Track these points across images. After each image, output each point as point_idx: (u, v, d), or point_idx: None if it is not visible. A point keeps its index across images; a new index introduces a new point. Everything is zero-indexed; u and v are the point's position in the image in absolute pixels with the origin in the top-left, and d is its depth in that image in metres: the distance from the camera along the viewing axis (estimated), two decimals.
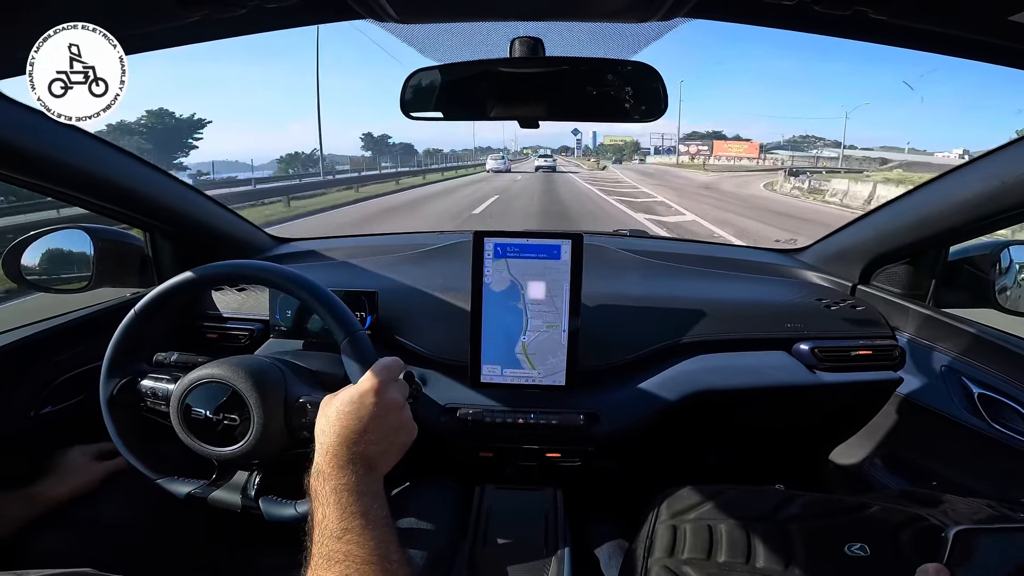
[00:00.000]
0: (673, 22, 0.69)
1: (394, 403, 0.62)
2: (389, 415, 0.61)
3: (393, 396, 0.63)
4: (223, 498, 0.76)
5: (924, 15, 0.56)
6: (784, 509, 0.82)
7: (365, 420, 0.59)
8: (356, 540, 0.51)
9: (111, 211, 1.06)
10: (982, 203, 0.92)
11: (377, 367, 0.64)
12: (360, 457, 0.58)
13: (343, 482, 0.55)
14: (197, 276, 0.79)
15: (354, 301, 1.06)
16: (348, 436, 0.58)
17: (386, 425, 0.61)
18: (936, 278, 1.13)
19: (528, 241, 1.01)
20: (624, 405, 1.03)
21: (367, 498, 0.55)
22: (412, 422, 0.65)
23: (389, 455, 0.62)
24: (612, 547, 0.96)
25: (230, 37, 0.71)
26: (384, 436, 0.60)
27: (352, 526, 0.52)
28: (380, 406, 0.60)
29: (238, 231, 1.39)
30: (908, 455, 1.12)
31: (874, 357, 1.11)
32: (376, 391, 0.61)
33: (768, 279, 1.36)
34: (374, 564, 0.49)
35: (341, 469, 0.56)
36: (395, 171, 33.87)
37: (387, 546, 0.52)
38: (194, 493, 0.77)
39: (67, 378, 0.98)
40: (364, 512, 0.53)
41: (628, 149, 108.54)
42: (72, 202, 0.98)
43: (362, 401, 0.60)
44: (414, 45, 0.84)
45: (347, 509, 0.53)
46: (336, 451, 0.57)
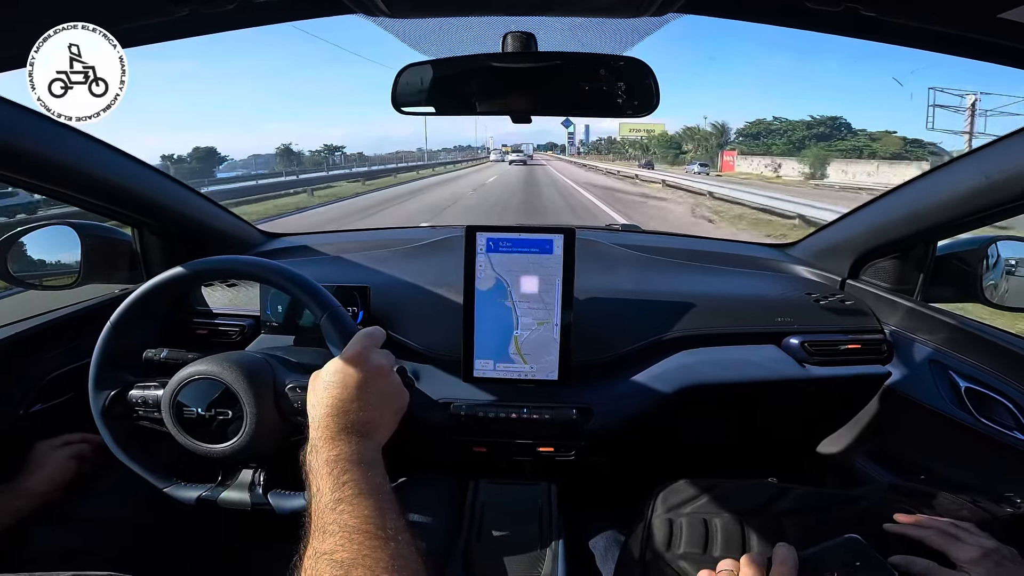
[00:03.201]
0: (666, 17, 0.69)
1: (380, 368, 0.62)
2: (376, 380, 0.61)
3: (378, 361, 0.62)
4: (233, 498, 0.76)
5: (914, 12, 0.56)
6: (777, 503, 0.82)
7: (352, 388, 0.59)
8: (350, 510, 0.50)
9: (98, 207, 1.04)
10: (969, 199, 0.93)
11: (358, 336, 0.64)
12: (352, 425, 0.57)
13: (335, 453, 0.54)
14: (175, 275, 0.78)
15: (346, 296, 1.05)
16: (336, 406, 0.58)
17: (374, 391, 0.60)
18: (924, 273, 1.14)
19: (520, 235, 1.01)
20: (617, 399, 1.03)
21: (362, 466, 0.54)
22: (403, 387, 0.65)
23: (383, 422, 0.61)
24: (607, 541, 0.97)
25: (218, 32, 0.70)
26: (374, 402, 0.60)
27: (345, 496, 0.51)
28: (365, 372, 0.60)
29: (227, 226, 1.38)
30: (896, 449, 1.14)
31: (863, 351, 1.12)
32: (359, 358, 0.61)
33: (759, 273, 1.37)
34: (368, 532, 0.48)
35: (332, 440, 0.56)
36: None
37: (382, 514, 0.50)
38: (204, 497, 0.77)
39: (57, 375, 0.97)
40: (358, 481, 0.52)
41: (657, 144, 75.07)
42: (58, 198, 0.97)
43: (347, 370, 0.60)
44: (405, 40, 0.83)
45: (339, 479, 0.52)
46: (326, 423, 0.57)
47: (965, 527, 0.68)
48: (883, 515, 0.74)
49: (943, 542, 0.65)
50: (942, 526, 0.68)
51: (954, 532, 0.66)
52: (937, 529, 0.68)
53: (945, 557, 0.64)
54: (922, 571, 0.63)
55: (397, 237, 1.53)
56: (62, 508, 0.85)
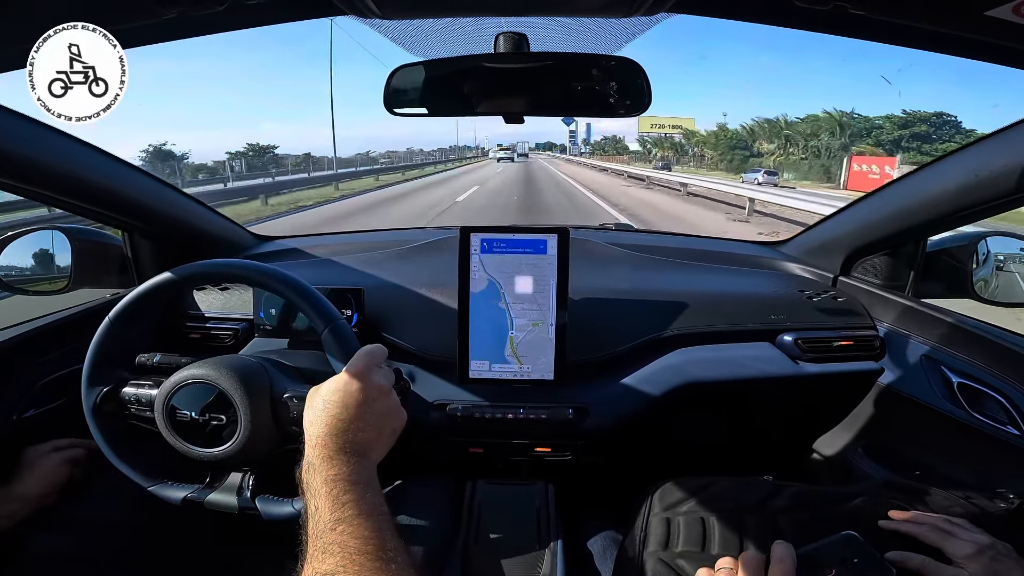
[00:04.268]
0: (657, 17, 0.69)
1: (380, 388, 0.62)
2: (376, 401, 0.60)
3: (378, 381, 0.62)
4: (219, 500, 0.75)
5: (902, 10, 0.56)
6: (773, 500, 0.83)
7: (352, 407, 0.58)
8: (350, 531, 0.50)
9: (87, 211, 1.03)
10: (958, 196, 0.94)
11: (360, 354, 0.64)
12: (350, 445, 0.57)
13: (333, 472, 0.54)
14: (169, 279, 0.78)
15: (340, 299, 1.05)
16: (336, 425, 0.57)
17: (374, 411, 0.60)
18: (915, 269, 1.15)
19: (514, 236, 1.01)
20: (613, 398, 1.04)
21: (360, 487, 0.54)
22: (401, 408, 0.64)
23: (380, 442, 0.61)
24: (605, 540, 0.97)
25: (208, 34, 0.69)
26: (373, 423, 0.59)
27: (345, 516, 0.51)
28: (366, 392, 0.60)
29: (219, 229, 1.37)
30: (891, 444, 1.14)
31: (856, 347, 1.13)
32: (361, 377, 0.60)
33: (752, 271, 1.38)
34: (369, 554, 0.48)
35: (331, 459, 0.55)
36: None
37: (382, 535, 0.51)
38: (190, 497, 0.76)
39: (50, 380, 0.96)
40: (357, 501, 0.52)
41: (711, 144, 56.53)
42: (45, 201, 0.96)
43: (347, 389, 0.60)
44: (397, 42, 0.83)
45: (339, 499, 0.52)
46: (325, 441, 0.57)
47: (960, 523, 0.68)
48: (878, 512, 0.74)
49: (938, 538, 0.66)
50: (937, 522, 0.68)
51: (949, 528, 0.67)
52: (932, 525, 0.68)
53: (940, 553, 0.65)
54: (918, 567, 0.63)
55: (391, 239, 1.53)
56: (58, 512, 0.85)
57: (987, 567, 0.61)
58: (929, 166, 1.03)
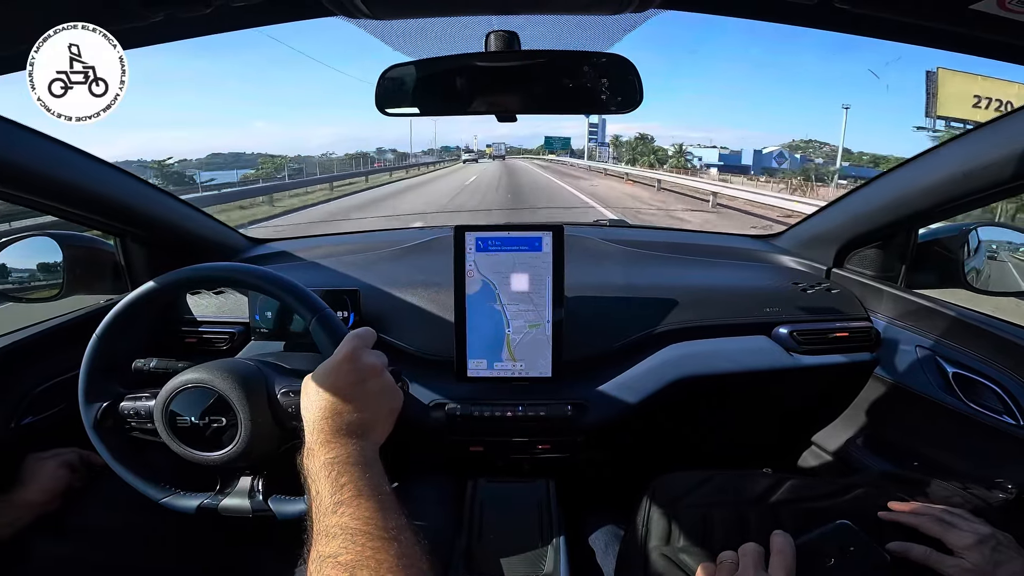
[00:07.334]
0: (647, 13, 0.69)
1: (372, 367, 0.61)
2: (368, 380, 0.60)
3: (370, 361, 0.62)
4: (233, 505, 0.76)
5: (887, 4, 0.57)
6: (773, 493, 0.83)
7: (345, 389, 0.58)
8: (350, 512, 0.49)
9: (78, 216, 1.02)
10: (949, 187, 0.95)
11: (348, 337, 0.63)
12: (347, 427, 0.57)
13: (332, 455, 0.54)
14: (151, 289, 0.77)
15: (335, 300, 1.05)
16: (330, 408, 0.57)
17: (367, 390, 0.60)
18: (907, 260, 1.16)
19: (509, 234, 1.01)
20: (611, 394, 1.04)
21: (359, 468, 0.54)
22: (396, 387, 0.64)
23: (378, 422, 0.60)
24: (607, 536, 0.97)
25: (196, 37, 0.69)
26: (368, 403, 0.59)
27: (344, 498, 0.50)
28: (357, 372, 0.60)
29: (211, 233, 1.37)
30: (888, 436, 1.15)
31: (851, 339, 1.14)
32: (350, 359, 0.60)
33: (746, 265, 1.39)
34: (371, 534, 0.48)
35: (328, 443, 0.55)
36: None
37: (384, 514, 0.50)
38: (204, 505, 0.76)
39: (47, 387, 0.96)
40: (356, 482, 0.52)
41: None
42: (37, 208, 0.96)
43: (338, 371, 0.60)
44: (388, 42, 0.82)
45: (337, 481, 0.52)
46: (320, 425, 0.57)
47: (959, 513, 0.68)
48: (877, 503, 0.74)
49: (938, 529, 0.66)
50: (937, 513, 0.69)
51: (949, 519, 0.67)
52: (932, 516, 0.68)
53: (941, 543, 0.65)
54: (919, 557, 0.64)
55: (385, 239, 1.53)
56: (60, 518, 0.85)
57: (987, 557, 0.61)
58: (920, 157, 1.03)
